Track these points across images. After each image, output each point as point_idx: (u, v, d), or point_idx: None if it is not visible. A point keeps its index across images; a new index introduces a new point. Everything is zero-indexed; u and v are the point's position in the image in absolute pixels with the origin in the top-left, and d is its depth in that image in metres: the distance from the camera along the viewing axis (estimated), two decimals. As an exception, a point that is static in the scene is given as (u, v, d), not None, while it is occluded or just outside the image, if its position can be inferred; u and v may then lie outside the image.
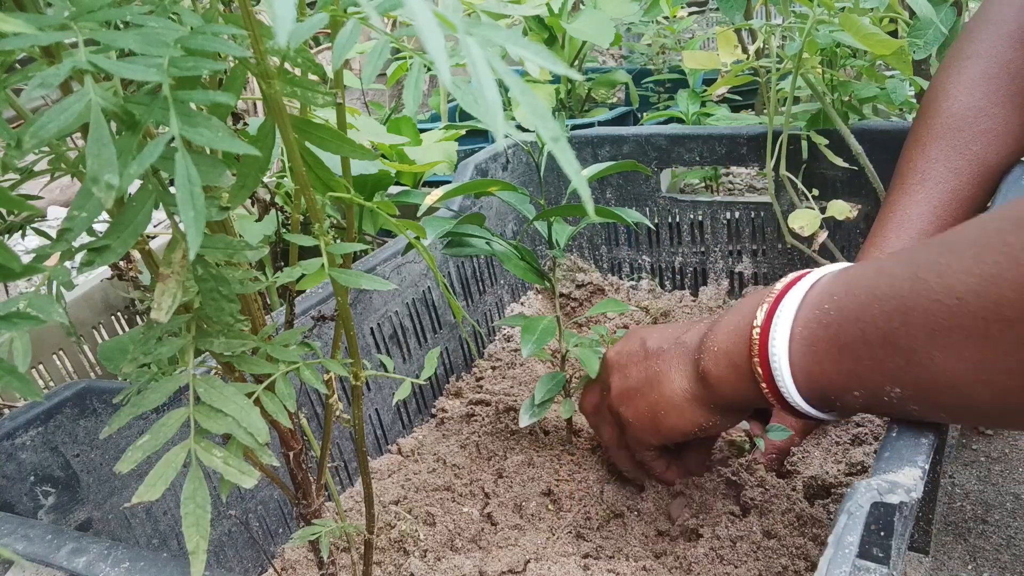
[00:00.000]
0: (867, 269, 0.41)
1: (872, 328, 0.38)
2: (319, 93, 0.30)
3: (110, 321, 0.83)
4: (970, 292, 0.34)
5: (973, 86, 0.63)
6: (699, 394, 0.49)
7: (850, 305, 0.40)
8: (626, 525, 0.59)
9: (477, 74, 0.19)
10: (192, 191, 0.22)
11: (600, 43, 1.10)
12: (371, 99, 1.62)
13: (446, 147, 1.05)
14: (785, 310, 0.43)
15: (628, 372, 0.55)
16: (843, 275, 0.43)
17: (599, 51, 1.91)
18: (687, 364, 0.50)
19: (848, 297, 0.40)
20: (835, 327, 0.41)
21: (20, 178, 0.34)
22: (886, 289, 0.38)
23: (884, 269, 0.40)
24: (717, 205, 0.88)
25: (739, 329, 0.46)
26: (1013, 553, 0.60)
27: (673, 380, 0.51)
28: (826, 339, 0.41)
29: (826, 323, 0.41)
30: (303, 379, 0.35)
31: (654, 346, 0.54)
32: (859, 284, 0.40)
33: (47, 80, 0.22)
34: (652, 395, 0.52)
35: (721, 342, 0.47)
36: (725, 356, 0.47)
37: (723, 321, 0.49)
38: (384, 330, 0.71)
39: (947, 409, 0.37)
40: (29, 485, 0.47)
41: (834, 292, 0.42)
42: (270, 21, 0.20)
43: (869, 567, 0.32)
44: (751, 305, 0.47)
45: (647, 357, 0.54)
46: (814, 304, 0.42)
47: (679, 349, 0.51)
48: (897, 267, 0.39)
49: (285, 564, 0.58)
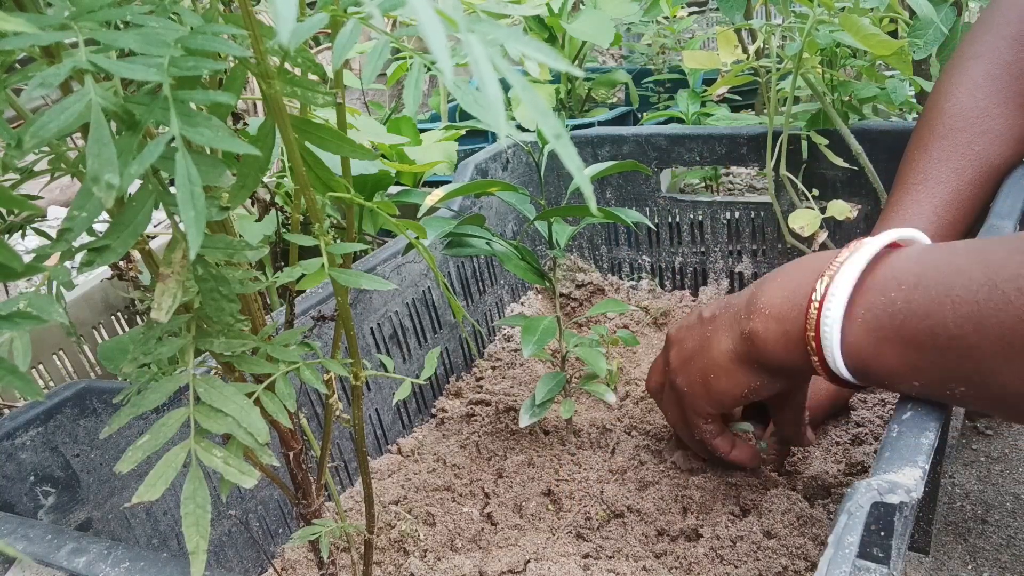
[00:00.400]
0: (939, 260, 0.40)
1: (942, 328, 0.38)
2: (319, 93, 0.30)
3: (110, 321, 0.83)
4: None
5: (975, 87, 0.63)
6: (745, 354, 0.49)
7: (920, 299, 0.39)
8: (626, 525, 0.59)
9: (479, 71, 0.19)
10: (192, 191, 0.22)
11: (600, 43, 1.10)
12: (371, 99, 1.62)
13: (446, 147, 1.05)
14: (841, 286, 0.42)
15: (684, 343, 0.55)
16: (913, 261, 0.42)
17: (599, 51, 1.91)
18: (734, 325, 0.50)
19: (919, 291, 0.40)
20: (900, 318, 0.40)
21: (20, 178, 0.34)
22: (961, 292, 0.38)
23: (959, 267, 0.39)
24: (717, 205, 0.88)
25: (793, 298, 0.46)
26: (1013, 553, 0.60)
27: (721, 343, 0.51)
28: (891, 328, 0.40)
29: (891, 312, 0.40)
30: (303, 379, 0.35)
31: (708, 314, 0.54)
32: (931, 277, 0.39)
33: (47, 80, 0.22)
34: (703, 360, 0.52)
35: (773, 306, 0.47)
36: (776, 321, 0.46)
37: (774, 283, 0.48)
38: (384, 330, 0.71)
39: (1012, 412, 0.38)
40: (29, 485, 0.47)
41: (902, 281, 0.41)
42: (270, 21, 0.20)
43: (869, 567, 0.32)
44: (807, 272, 0.46)
45: (702, 326, 0.54)
46: (880, 289, 0.41)
47: (728, 312, 0.51)
48: (973, 267, 0.38)
49: (285, 564, 0.58)
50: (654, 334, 0.87)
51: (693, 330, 0.55)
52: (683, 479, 0.61)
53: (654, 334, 0.87)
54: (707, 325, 0.53)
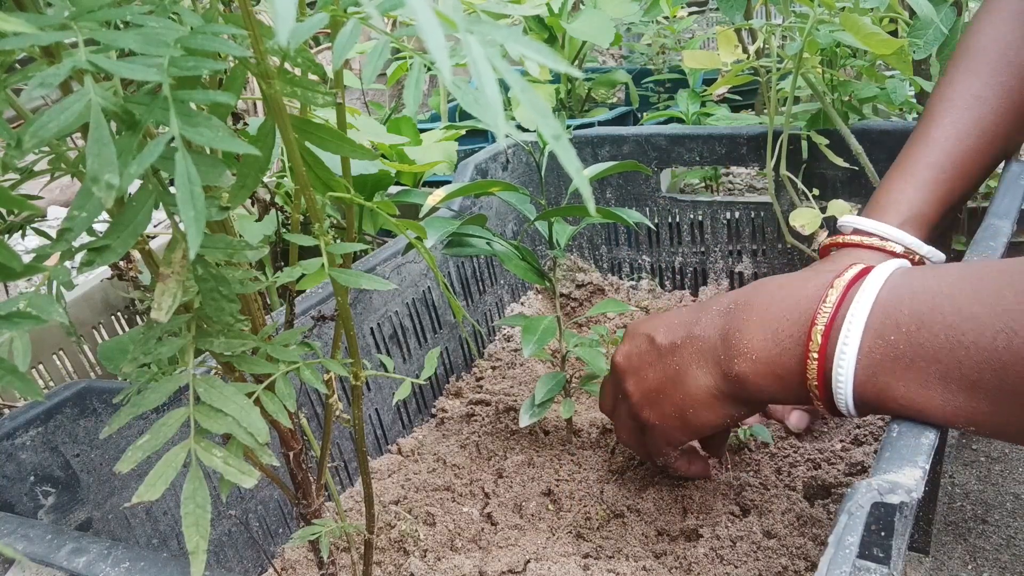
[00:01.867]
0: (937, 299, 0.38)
1: (956, 372, 0.37)
2: (319, 93, 0.30)
3: (110, 321, 0.83)
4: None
5: (1002, 21, 0.62)
6: (732, 392, 0.48)
7: (928, 343, 0.38)
8: (626, 525, 0.59)
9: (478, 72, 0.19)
10: (192, 191, 0.22)
11: (600, 43, 1.10)
12: (371, 99, 1.62)
13: (446, 147, 1.05)
14: (850, 341, 0.40)
15: (644, 374, 0.53)
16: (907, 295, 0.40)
17: (599, 51, 1.91)
18: (709, 362, 0.48)
19: (922, 332, 0.38)
20: (906, 361, 0.39)
21: (20, 178, 0.34)
22: (974, 337, 0.36)
23: (963, 309, 0.37)
24: (717, 205, 0.88)
25: (780, 340, 0.44)
26: (1013, 553, 0.60)
27: (698, 378, 0.49)
28: (897, 379, 0.39)
29: (894, 356, 0.39)
30: (303, 379, 0.35)
31: (665, 342, 0.51)
32: (933, 320, 0.38)
33: (47, 80, 0.22)
34: (677, 395, 0.50)
35: (758, 350, 0.45)
36: (767, 366, 0.45)
37: (751, 322, 0.46)
38: (384, 330, 0.71)
39: None
40: (29, 485, 0.47)
41: (899, 321, 0.39)
42: (270, 21, 0.20)
43: (869, 567, 0.32)
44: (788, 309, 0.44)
45: (661, 356, 0.52)
46: (877, 332, 0.40)
47: (695, 344, 0.49)
48: (981, 309, 0.37)
49: (285, 564, 0.58)
50: (654, 334, 0.87)
51: (649, 360, 0.53)
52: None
53: (654, 334, 0.87)
54: (669, 357, 0.51)
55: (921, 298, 0.39)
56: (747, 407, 0.49)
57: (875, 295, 0.41)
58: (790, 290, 0.46)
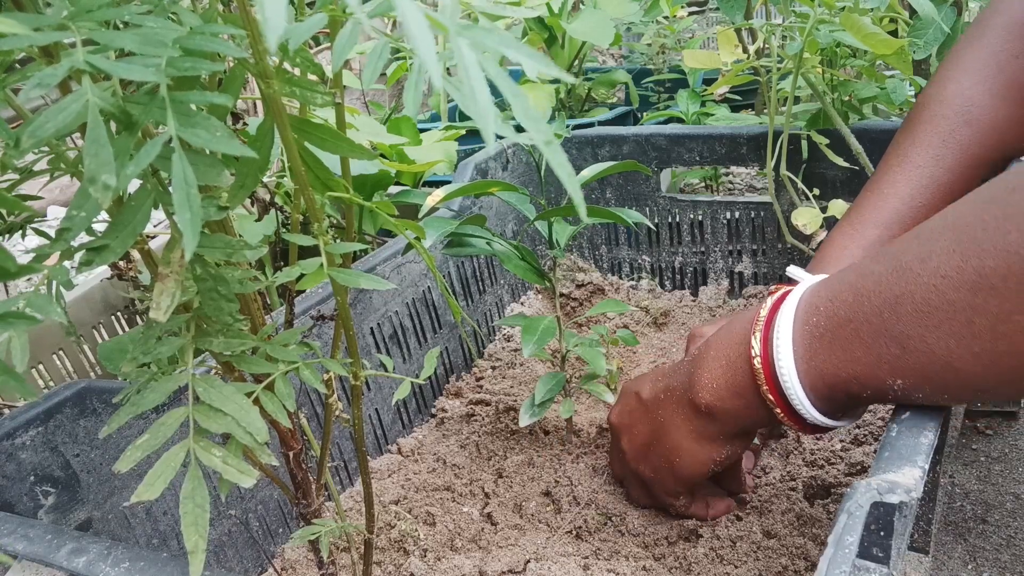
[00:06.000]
0: (846, 275, 0.42)
1: (866, 326, 0.39)
2: (318, 93, 0.30)
3: (110, 321, 0.83)
4: (953, 268, 0.36)
5: (964, 74, 0.62)
6: (708, 429, 0.50)
7: (839, 312, 0.41)
8: (626, 525, 0.59)
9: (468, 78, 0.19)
10: (188, 193, 0.22)
11: (600, 43, 1.10)
12: (371, 99, 1.62)
13: (446, 147, 1.05)
14: (782, 335, 0.43)
15: (634, 431, 0.56)
16: (823, 286, 0.43)
17: (599, 51, 1.91)
18: (684, 406, 0.51)
19: (835, 304, 0.41)
20: (828, 336, 0.41)
21: (20, 178, 0.34)
22: (872, 286, 0.39)
23: (864, 270, 0.41)
24: (717, 205, 0.88)
25: (733, 362, 0.47)
26: (1013, 553, 0.60)
27: (679, 425, 0.51)
28: (823, 350, 0.42)
29: (818, 335, 0.42)
30: (303, 379, 0.35)
31: (649, 397, 0.54)
32: (842, 290, 0.41)
33: (44, 80, 0.22)
34: (663, 445, 0.53)
35: (718, 378, 0.48)
36: (727, 389, 0.48)
37: (708, 358, 0.49)
38: (384, 330, 0.71)
39: (948, 390, 0.38)
40: (29, 485, 0.47)
41: (818, 304, 0.42)
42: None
43: (869, 567, 0.32)
44: (736, 337, 0.47)
45: (647, 411, 0.54)
46: (803, 321, 0.43)
47: (672, 395, 0.52)
48: (878, 265, 0.40)
49: (285, 564, 0.58)
50: (654, 334, 0.87)
51: (638, 416, 0.56)
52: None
53: (654, 334, 0.87)
54: (653, 410, 0.54)
55: (834, 280, 0.43)
56: (728, 442, 0.50)
57: (799, 294, 0.45)
58: (739, 322, 0.49)
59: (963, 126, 0.61)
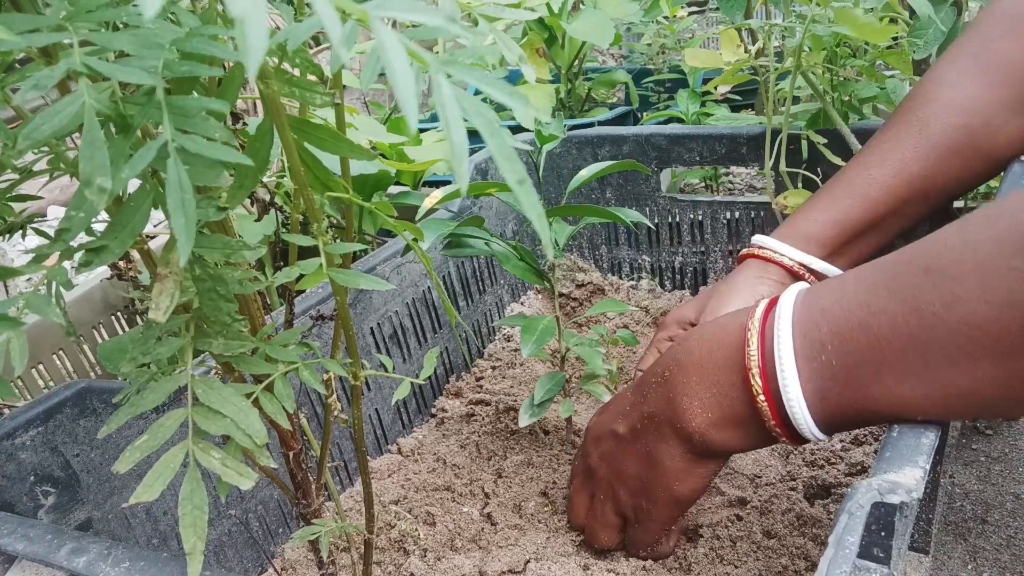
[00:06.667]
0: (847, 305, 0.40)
1: (886, 369, 0.39)
2: (317, 93, 0.30)
3: (110, 321, 0.83)
4: (989, 320, 0.35)
5: (952, 59, 0.63)
6: (703, 451, 0.48)
7: (851, 352, 0.40)
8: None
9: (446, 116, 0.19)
10: (183, 198, 0.22)
11: (600, 43, 1.10)
12: (371, 99, 1.61)
13: (446, 147, 1.05)
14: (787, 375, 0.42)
15: (624, 470, 0.52)
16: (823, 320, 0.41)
17: (599, 51, 1.91)
18: (670, 433, 0.49)
19: (845, 344, 0.40)
20: (843, 378, 0.40)
21: (19, 178, 0.34)
22: (888, 330, 0.38)
23: (874, 308, 0.39)
24: (717, 205, 0.88)
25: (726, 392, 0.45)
26: (1013, 553, 0.60)
27: (669, 451, 0.49)
28: (837, 391, 0.41)
29: (830, 375, 0.41)
30: (302, 379, 0.35)
31: (626, 431, 0.52)
32: (851, 328, 0.40)
33: (41, 82, 0.22)
34: (658, 474, 0.50)
35: (712, 407, 0.46)
36: (725, 420, 0.46)
37: (691, 384, 0.47)
38: (384, 330, 0.71)
39: (970, 416, 0.39)
40: (29, 485, 0.47)
41: (823, 341, 0.41)
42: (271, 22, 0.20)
43: (869, 567, 0.32)
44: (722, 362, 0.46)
45: (629, 446, 0.52)
46: (807, 357, 0.41)
47: (652, 422, 0.50)
48: (888, 303, 0.38)
49: (285, 564, 0.58)
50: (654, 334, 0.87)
51: (620, 455, 0.52)
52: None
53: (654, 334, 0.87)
54: (637, 443, 0.51)
55: (833, 313, 0.41)
56: (721, 461, 0.49)
57: (791, 318, 0.43)
58: (715, 341, 0.47)
59: (926, 104, 0.62)
